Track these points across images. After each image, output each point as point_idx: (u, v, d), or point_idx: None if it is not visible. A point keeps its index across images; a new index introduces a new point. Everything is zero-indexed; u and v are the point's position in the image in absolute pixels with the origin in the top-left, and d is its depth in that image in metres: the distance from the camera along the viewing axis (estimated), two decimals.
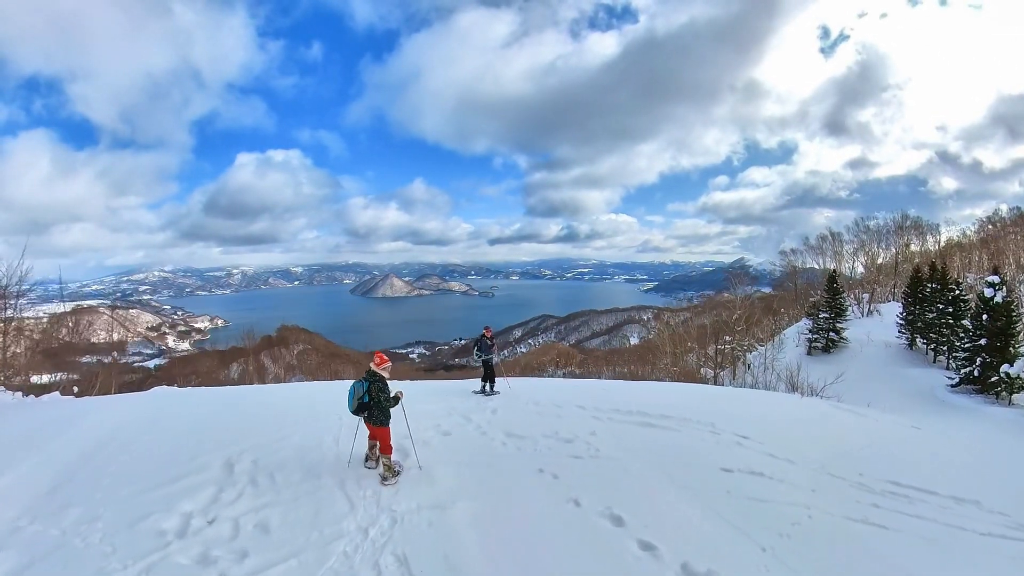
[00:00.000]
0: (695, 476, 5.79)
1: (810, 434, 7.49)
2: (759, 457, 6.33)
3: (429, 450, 6.41)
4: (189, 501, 5.03)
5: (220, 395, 10.34)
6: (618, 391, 10.58)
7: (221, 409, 8.47)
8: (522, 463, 6.12)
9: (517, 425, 7.45)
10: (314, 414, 7.85)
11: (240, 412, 8.23)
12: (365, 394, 5.86)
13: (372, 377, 5.92)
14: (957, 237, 44.33)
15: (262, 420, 7.55)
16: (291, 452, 6.25)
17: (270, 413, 7.98)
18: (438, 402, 8.86)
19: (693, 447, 6.77)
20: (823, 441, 7.12)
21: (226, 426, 7.28)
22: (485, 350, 9.81)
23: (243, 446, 6.33)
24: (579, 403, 8.65)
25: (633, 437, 7.07)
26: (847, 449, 6.86)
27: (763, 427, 7.37)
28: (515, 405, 8.73)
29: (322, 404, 8.44)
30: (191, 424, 7.46)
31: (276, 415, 7.81)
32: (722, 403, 9.56)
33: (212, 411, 8.30)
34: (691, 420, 7.76)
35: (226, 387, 14.47)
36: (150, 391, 11.19)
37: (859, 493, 5.42)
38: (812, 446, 6.80)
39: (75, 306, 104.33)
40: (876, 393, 17.75)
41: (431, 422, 7.44)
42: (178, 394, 10.70)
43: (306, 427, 7.18)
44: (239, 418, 7.81)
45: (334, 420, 7.49)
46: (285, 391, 11.26)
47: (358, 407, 5.88)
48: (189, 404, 8.91)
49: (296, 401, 9.14)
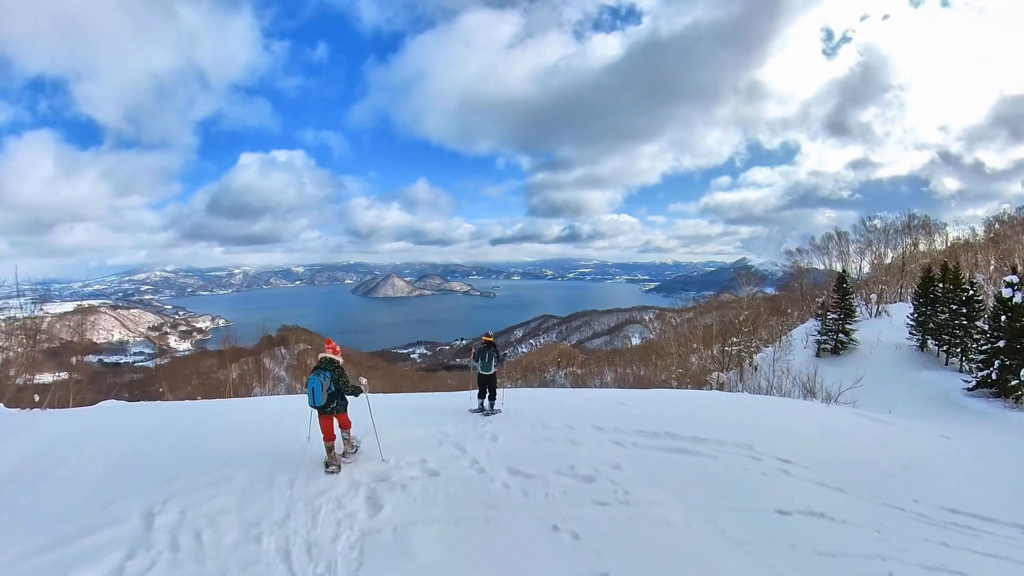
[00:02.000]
0: (750, 525, 4.76)
1: (848, 452, 6.89)
2: (809, 489, 5.54)
3: (408, 499, 4.96)
4: (87, 572, 3.87)
5: (167, 414, 8.75)
6: (635, 405, 9.17)
7: (162, 432, 7.18)
8: (531, 516, 4.83)
9: (523, 457, 6.14)
10: (271, 443, 6.47)
11: (183, 437, 6.90)
12: (331, 383, 5.65)
13: (331, 365, 5.73)
14: (967, 236, 43.67)
15: (206, 449, 6.27)
16: (231, 499, 4.90)
17: (218, 439, 6.70)
18: (426, 425, 7.34)
19: (737, 481, 5.73)
20: (864, 460, 6.55)
21: (161, 456, 6.04)
22: (487, 359, 8.23)
23: (173, 488, 5.11)
24: (594, 423, 7.48)
25: (666, 470, 5.88)
26: (889, 468, 6.33)
27: (801, 446, 6.71)
28: (520, 428, 7.35)
29: (287, 427, 7.07)
30: (124, 450, 6.27)
31: (225, 442, 6.52)
32: (750, 415, 8.72)
33: (152, 433, 7.07)
34: (726, 442, 6.71)
35: (182, 402, 12.49)
36: (97, 406, 9.77)
37: (923, 528, 4.88)
38: (856, 468, 6.18)
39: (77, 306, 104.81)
40: (891, 397, 17.19)
41: (415, 456, 6.04)
42: (124, 410, 9.17)
43: (257, 462, 5.80)
44: (179, 445, 6.51)
45: (293, 453, 6.11)
46: (246, 408, 9.63)
47: (328, 399, 5.63)
48: (131, 424, 7.61)
49: (256, 422, 7.71)
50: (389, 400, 9.18)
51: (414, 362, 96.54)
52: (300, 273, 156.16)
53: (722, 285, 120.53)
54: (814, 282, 43.54)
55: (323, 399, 5.59)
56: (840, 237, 45.02)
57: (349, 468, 5.57)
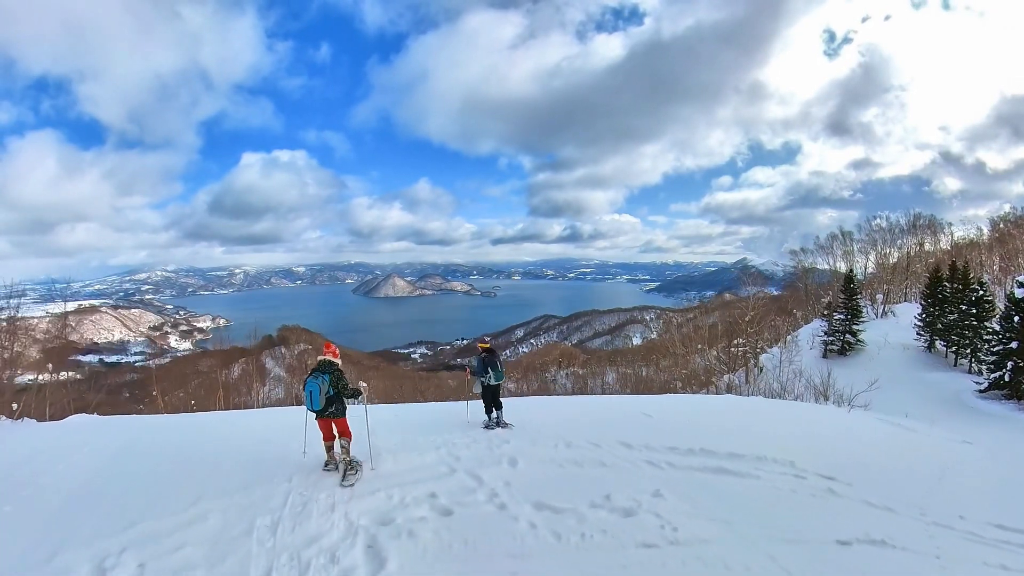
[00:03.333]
0: (813, 560, 4.19)
1: (883, 463, 6.53)
2: (860, 511, 5.09)
3: (418, 549, 4.14)
4: None
5: (139, 431, 7.86)
6: (662, 416, 8.49)
7: (129, 456, 6.35)
8: (568, 567, 3.96)
9: (549, 486, 5.30)
10: (254, 471, 5.59)
11: (151, 463, 6.01)
12: (330, 387, 5.43)
13: (330, 368, 5.52)
14: (974, 235, 43.31)
15: (176, 480, 5.42)
16: (199, 551, 4.07)
17: (193, 466, 5.85)
18: (434, 447, 6.44)
19: (788, 506, 5.21)
20: (900, 472, 6.22)
21: (123, 488, 5.26)
22: (487, 369, 7.48)
23: (133, 534, 4.30)
24: (621, 438, 6.78)
25: (710, 496, 5.24)
26: (927, 480, 6.03)
27: (838, 459, 6.32)
28: (540, 448, 6.47)
29: (274, 448, 6.24)
30: (83, 479, 5.53)
31: (200, 470, 5.68)
32: (776, 424, 8.30)
33: (116, 458, 6.23)
34: (765, 458, 6.21)
35: (160, 416, 11.36)
36: (65, 420, 8.98)
37: (978, 550, 4.53)
38: (896, 482, 5.80)
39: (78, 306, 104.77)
40: (901, 399, 16.92)
41: (424, 488, 5.16)
42: (91, 427, 8.27)
43: (235, 498, 4.95)
44: (146, 474, 5.67)
45: (279, 481, 5.28)
46: (231, 423, 8.62)
47: (326, 403, 5.40)
48: (96, 445, 6.77)
49: (239, 442, 6.77)
50: (393, 414, 8.53)
51: (415, 362, 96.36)
52: (301, 273, 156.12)
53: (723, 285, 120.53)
54: (818, 282, 43.27)
55: (321, 403, 5.37)
56: (844, 236, 44.69)
57: (345, 505, 4.84)
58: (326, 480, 5.42)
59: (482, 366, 7.50)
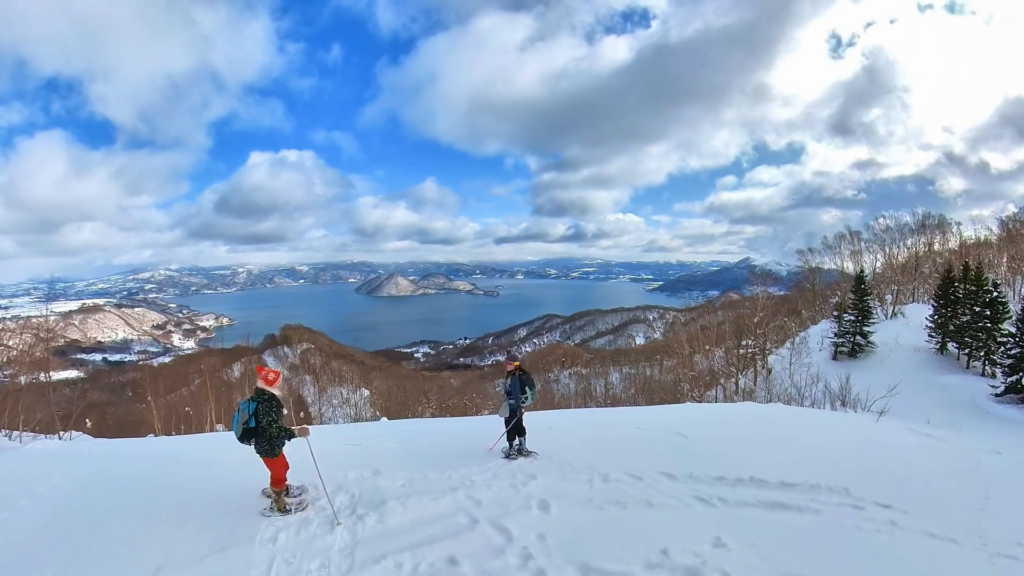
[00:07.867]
0: None
1: (930, 483, 6.04)
2: (927, 545, 4.65)
3: None
4: None
5: (103, 464, 6.76)
6: (693, 432, 7.67)
7: (81, 509, 5.06)
8: None
9: (592, 539, 4.41)
10: (230, 525, 4.65)
11: (108, 515, 4.88)
12: (251, 417, 4.70)
13: (260, 396, 4.77)
14: (984, 235, 42.69)
15: (132, 541, 4.42)
16: None
17: (158, 517, 4.78)
18: (449, 488, 5.41)
19: (857, 546, 4.58)
20: (949, 493, 5.80)
21: (68, 554, 4.26)
22: (524, 389, 6.48)
23: None
24: (662, 467, 6.02)
25: (775, 542, 4.50)
26: (975, 500, 5.68)
27: (886, 481, 5.80)
28: (572, 484, 5.58)
29: (256, 491, 5.26)
30: (29, 533, 4.58)
31: (167, 524, 4.66)
32: (813, 438, 7.78)
33: (65, 510, 5.02)
34: (820, 487, 5.65)
35: (131, 442, 10.14)
36: (28, 447, 7.97)
37: None
38: (947, 505, 5.34)
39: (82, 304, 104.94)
40: (917, 404, 16.52)
41: (439, 550, 4.21)
42: (53, 457, 7.15)
43: (203, 567, 4.06)
44: (99, 534, 4.56)
45: (262, 546, 4.29)
46: (212, 449, 7.54)
47: (243, 433, 4.76)
48: (52, 483, 5.66)
49: (218, 475, 5.84)
50: (400, 443, 7.45)
51: (417, 361, 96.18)
52: (304, 272, 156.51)
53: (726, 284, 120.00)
54: (825, 282, 42.80)
55: (238, 431, 4.77)
56: (852, 236, 44.16)
57: None
58: (319, 541, 4.42)
59: (518, 386, 6.44)
